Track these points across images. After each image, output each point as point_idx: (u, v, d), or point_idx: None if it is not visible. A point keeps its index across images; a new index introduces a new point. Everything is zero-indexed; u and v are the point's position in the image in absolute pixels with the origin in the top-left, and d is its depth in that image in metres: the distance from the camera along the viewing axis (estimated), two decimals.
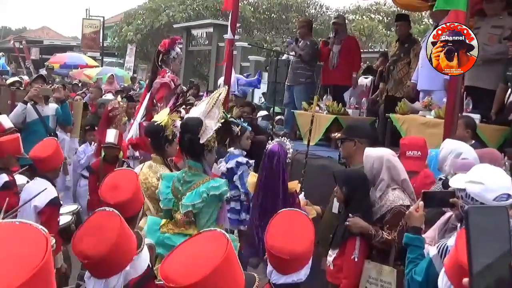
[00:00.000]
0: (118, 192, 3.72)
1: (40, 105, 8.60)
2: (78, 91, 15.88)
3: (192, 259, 2.26)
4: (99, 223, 2.88)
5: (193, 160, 4.62)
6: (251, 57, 23.43)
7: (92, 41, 36.66)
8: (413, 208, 3.71)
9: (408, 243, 3.64)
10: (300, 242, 3.07)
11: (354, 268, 4.60)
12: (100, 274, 2.79)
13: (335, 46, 10.19)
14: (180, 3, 34.25)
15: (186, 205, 4.44)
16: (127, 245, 2.83)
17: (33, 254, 1.51)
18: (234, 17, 10.48)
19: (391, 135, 7.97)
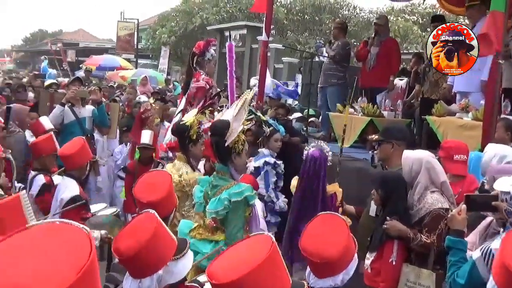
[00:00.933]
0: (152, 192, 3.78)
1: (77, 107, 8.72)
2: (112, 93, 16.04)
3: (236, 259, 2.33)
4: (138, 223, 2.97)
5: (221, 164, 4.59)
6: (285, 59, 23.40)
7: (127, 43, 36.99)
8: (456, 211, 3.68)
9: (450, 246, 3.61)
10: (332, 246, 3.07)
11: (392, 271, 4.58)
12: (134, 273, 2.86)
13: (374, 47, 10.09)
14: (213, 5, 34.36)
15: (210, 212, 4.41)
16: (160, 248, 2.86)
17: (78, 255, 1.51)
18: (269, 19, 10.52)
19: (427, 137, 7.90)
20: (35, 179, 5.92)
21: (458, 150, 5.37)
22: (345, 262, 3.12)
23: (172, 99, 14.01)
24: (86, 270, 1.48)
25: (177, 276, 2.95)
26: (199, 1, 36.47)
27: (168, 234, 2.97)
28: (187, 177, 5.28)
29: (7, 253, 1.53)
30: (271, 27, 11.13)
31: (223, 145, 4.44)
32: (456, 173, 5.25)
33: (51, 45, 35.69)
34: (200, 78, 7.30)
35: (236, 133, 4.43)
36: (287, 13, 33.86)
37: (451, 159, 5.31)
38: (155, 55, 36.83)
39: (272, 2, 10.61)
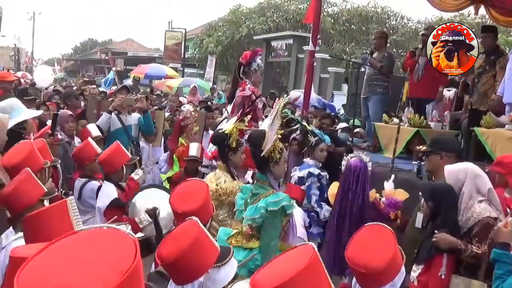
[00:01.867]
0: (187, 201, 3.78)
1: (123, 115, 8.82)
2: (157, 102, 16.21)
3: (278, 268, 2.34)
4: (180, 230, 3.00)
5: (260, 173, 4.59)
6: (331, 69, 23.36)
7: (174, 52, 37.40)
8: (502, 223, 3.65)
9: (495, 259, 3.58)
10: (379, 257, 3.04)
11: (441, 285, 4.50)
12: (176, 279, 2.90)
13: (422, 58, 9.99)
14: (260, 15, 34.57)
15: (247, 219, 4.42)
16: (201, 254, 2.88)
17: (123, 259, 1.55)
18: (316, 29, 10.52)
19: (475, 149, 7.76)
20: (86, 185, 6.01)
21: None
22: (391, 274, 3.09)
23: (219, 108, 14.09)
24: (130, 273, 1.52)
25: (219, 284, 2.96)
26: (247, 11, 36.71)
27: (209, 241, 2.98)
28: (224, 186, 5.26)
29: (56, 254, 1.59)
30: (318, 36, 11.09)
31: (259, 155, 4.43)
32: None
33: (101, 54, 36.35)
34: (245, 88, 7.31)
35: (271, 143, 4.41)
36: (334, 22, 33.83)
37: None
38: (202, 64, 37.17)
39: (320, 12, 10.61)
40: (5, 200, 3.88)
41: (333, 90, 22.48)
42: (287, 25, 33.12)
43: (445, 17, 32.77)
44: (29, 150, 4.83)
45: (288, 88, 24.26)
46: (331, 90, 22.72)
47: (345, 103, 15.10)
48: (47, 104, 10.40)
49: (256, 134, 4.60)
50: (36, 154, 4.92)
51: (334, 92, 22.27)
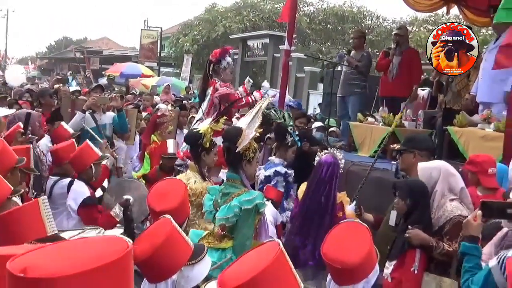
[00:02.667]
0: (165, 200, 3.78)
1: (97, 114, 8.77)
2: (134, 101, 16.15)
3: (245, 265, 2.36)
4: (154, 228, 3.03)
5: (231, 171, 4.54)
6: (307, 68, 23.44)
7: (150, 51, 37.24)
8: (471, 216, 3.61)
9: (465, 252, 3.56)
10: (355, 253, 3.07)
11: (414, 280, 4.53)
12: (149, 277, 2.92)
13: (396, 57, 10.06)
14: (236, 14, 34.60)
15: (219, 219, 4.36)
16: (174, 252, 2.90)
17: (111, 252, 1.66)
18: (291, 28, 10.53)
19: (448, 148, 7.83)
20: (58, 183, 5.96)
21: (490, 164, 5.35)
22: (366, 270, 3.12)
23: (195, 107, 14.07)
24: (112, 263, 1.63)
25: (193, 282, 2.98)
26: (222, 10, 36.69)
27: (183, 239, 2.99)
28: (194, 187, 5.20)
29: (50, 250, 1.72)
30: (294, 36, 11.11)
31: (234, 152, 4.41)
32: (491, 186, 5.24)
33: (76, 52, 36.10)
34: (216, 86, 7.28)
35: (248, 140, 4.40)
36: (310, 22, 34.00)
37: (485, 173, 5.29)
38: (178, 64, 37.09)
39: (295, 12, 10.62)
40: None
41: (309, 90, 22.58)
42: (263, 24, 33.19)
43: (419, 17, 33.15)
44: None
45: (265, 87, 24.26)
46: (307, 89, 22.80)
47: (321, 102, 15.17)
48: (20, 102, 10.31)
49: (232, 130, 4.58)
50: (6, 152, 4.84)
51: (310, 91, 22.39)
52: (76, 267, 1.56)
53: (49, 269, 1.56)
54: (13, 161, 4.80)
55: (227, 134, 4.60)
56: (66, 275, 1.54)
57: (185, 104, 13.05)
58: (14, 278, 1.56)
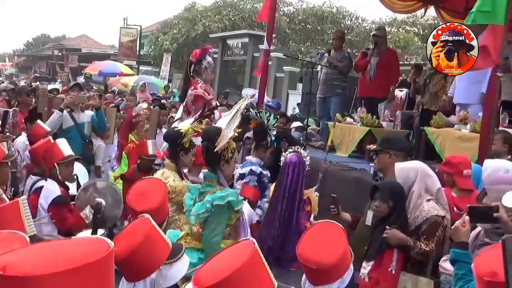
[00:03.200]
0: (145, 200, 3.79)
1: (76, 112, 8.72)
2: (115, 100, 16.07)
3: (219, 264, 2.37)
4: (132, 227, 3.03)
5: (209, 171, 4.54)
6: (286, 68, 23.47)
7: (129, 49, 37.00)
8: (459, 222, 3.61)
9: (456, 259, 3.53)
10: (329, 253, 3.08)
11: (392, 280, 4.56)
12: (128, 276, 2.91)
13: (373, 58, 10.14)
14: (216, 13, 34.52)
15: (192, 215, 4.34)
16: (152, 251, 2.90)
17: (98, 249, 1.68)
18: (271, 28, 10.55)
19: (425, 148, 7.91)
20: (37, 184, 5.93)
21: (466, 165, 5.39)
22: (341, 271, 3.12)
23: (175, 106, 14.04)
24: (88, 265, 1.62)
25: (171, 281, 2.98)
26: (202, 9, 36.60)
27: (161, 238, 3.00)
28: (174, 184, 5.20)
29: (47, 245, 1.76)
30: (273, 36, 11.13)
31: (212, 151, 4.41)
32: (466, 188, 5.28)
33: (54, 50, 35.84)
34: (197, 86, 7.27)
35: (226, 140, 4.39)
36: (290, 22, 34.00)
37: (461, 174, 5.33)
38: (157, 62, 36.90)
39: (275, 12, 10.64)
40: None
41: (288, 89, 22.60)
42: (243, 23, 33.15)
43: (398, 18, 33.33)
44: None
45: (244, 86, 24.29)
46: (286, 89, 22.83)
47: (300, 102, 15.21)
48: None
49: (211, 130, 4.57)
50: None
51: (289, 91, 22.42)
52: (55, 266, 1.57)
53: (29, 268, 1.57)
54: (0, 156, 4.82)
55: (206, 133, 4.60)
56: (44, 274, 1.55)
57: (164, 104, 13.02)
58: None
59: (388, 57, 10.36)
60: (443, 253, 4.58)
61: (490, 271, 2.45)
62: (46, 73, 29.99)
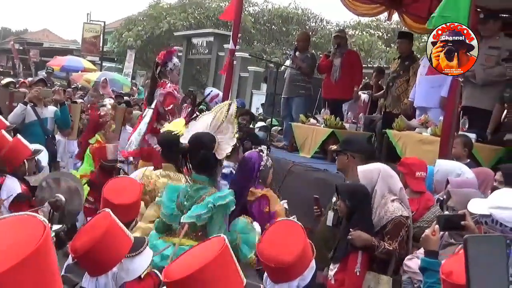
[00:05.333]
0: (123, 195, 3.81)
1: (39, 107, 8.63)
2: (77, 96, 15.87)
3: (190, 259, 2.42)
4: (93, 222, 3.05)
5: (201, 174, 4.43)
6: (251, 68, 23.46)
7: (92, 45, 36.55)
8: (429, 231, 3.65)
9: (426, 268, 3.56)
10: (288, 252, 3.13)
11: (356, 281, 4.60)
12: (90, 271, 2.94)
13: (337, 59, 10.25)
14: (181, 11, 34.34)
15: (190, 216, 4.20)
16: (113, 245, 2.93)
17: (33, 235, 1.55)
18: (236, 27, 10.55)
19: (387, 151, 8.01)
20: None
21: (420, 167, 5.47)
22: (301, 268, 3.18)
23: (138, 103, 13.93)
24: (39, 246, 1.52)
25: (133, 274, 3.02)
26: (167, 6, 36.41)
27: (122, 232, 3.02)
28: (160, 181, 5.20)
29: None
30: (239, 35, 11.16)
31: (212, 158, 4.38)
32: (417, 190, 5.35)
33: (15, 44, 35.18)
34: (166, 86, 7.25)
35: (228, 147, 4.40)
36: (255, 22, 34.04)
37: (413, 175, 5.40)
38: (120, 59, 36.54)
39: (241, 11, 10.65)
40: None
41: (252, 89, 22.61)
42: (208, 22, 33.06)
43: (362, 22, 33.61)
44: None
45: (208, 85, 24.23)
46: (250, 89, 22.83)
47: (264, 103, 15.26)
48: None
49: (207, 137, 4.44)
50: None
51: (253, 91, 22.42)
52: (1, 263, 1.46)
53: None
54: None
55: (202, 141, 4.45)
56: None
57: (130, 101, 12.95)
58: None
59: (351, 58, 10.51)
60: (407, 252, 4.67)
61: (455, 273, 2.54)
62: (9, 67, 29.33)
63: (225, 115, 4.53)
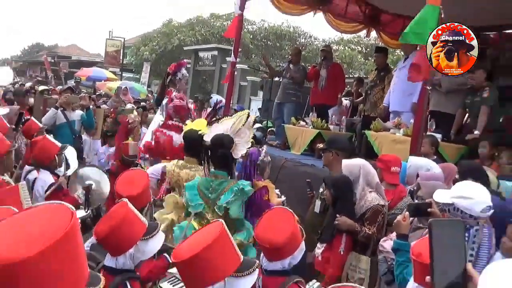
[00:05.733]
0: (131, 187, 3.81)
1: (68, 111, 8.68)
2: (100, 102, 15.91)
3: (194, 241, 2.45)
4: (112, 210, 3.05)
5: (220, 169, 4.42)
6: (249, 78, 23.50)
7: (114, 58, 36.52)
8: (401, 217, 3.67)
9: (397, 248, 3.60)
10: (280, 234, 3.15)
11: (340, 260, 4.65)
12: (110, 252, 2.97)
13: (323, 70, 10.29)
14: (190, 29, 34.37)
15: (221, 206, 4.26)
16: (129, 230, 2.94)
17: (62, 222, 1.51)
18: (237, 43, 10.58)
19: (366, 149, 8.01)
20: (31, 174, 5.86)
21: (395, 163, 5.47)
22: (291, 249, 3.20)
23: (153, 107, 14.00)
24: (68, 232, 1.49)
25: (148, 254, 3.04)
26: (178, 25, 36.39)
27: (137, 219, 3.03)
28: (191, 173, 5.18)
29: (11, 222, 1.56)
30: (239, 50, 11.17)
31: (231, 157, 4.39)
32: (392, 182, 5.36)
33: (47, 57, 35.13)
34: (171, 95, 7.22)
35: (244, 148, 4.41)
36: (253, 38, 34.06)
37: (388, 170, 5.41)
38: (138, 70, 36.53)
39: (241, 29, 10.68)
40: None
41: (251, 96, 22.65)
42: (212, 38, 33.06)
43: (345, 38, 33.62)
44: None
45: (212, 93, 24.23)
46: (249, 96, 22.87)
47: (260, 107, 15.27)
48: None
49: (227, 139, 4.42)
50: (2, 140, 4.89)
51: (251, 97, 22.47)
52: (33, 246, 1.41)
53: (9, 253, 1.40)
54: (6, 146, 4.82)
55: (223, 142, 4.44)
56: (26, 258, 1.39)
57: (146, 106, 13.05)
58: None
59: (335, 70, 10.55)
60: (382, 235, 4.68)
61: (424, 254, 2.55)
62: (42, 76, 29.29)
63: (244, 122, 4.53)
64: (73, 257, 1.53)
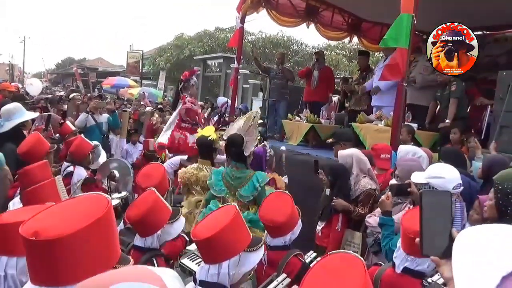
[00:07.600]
0: (149, 179, 3.81)
1: (96, 115, 8.71)
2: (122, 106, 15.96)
3: (212, 221, 2.44)
4: (142, 198, 3.03)
5: (239, 162, 4.49)
6: (250, 81, 23.42)
7: (134, 68, 36.41)
8: (384, 196, 3.68)
9: (383, 223, 3.61)
10: (280, 214, 3.17)
11: (337, 236, 4.68)
12: (140, 233, 2.95)
13: (316, 72, 10.32)
14: (198, 41, 34.27)
15: (246, 196, 4.34)
16: (157, 215, 2.93)
17: (98, 208, 1.53)
18: (239, 51, 10.62)
19: None
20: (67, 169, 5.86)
21: (384, 151, 5.46)
22: (291, 226, 3.21)
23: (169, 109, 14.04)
24: (103, 215, 1.51)
25: (172, 235, 3.05)
26: (188, 37, 36.32)
27: (164, 205, 3.03)
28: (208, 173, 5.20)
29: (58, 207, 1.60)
30: (241, 57, 11.19)
31: (241, 153, 4.46)
32: (382, 167, 5.35)
33: (77, 69, 35.10)
34: (185, 100, 7.20)
35: (252, 146, 4.48)
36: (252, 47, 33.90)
37: (379, 157, 5.40)
38: (155, 78, 36.43)
39: (242, 40, 10.71)
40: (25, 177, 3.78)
41: (252, 97, 22.59)
42: (218, 48, 32.96)
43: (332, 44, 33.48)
44: (37, 138, 4.97)
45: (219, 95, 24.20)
46: (250, 96, 22.81)
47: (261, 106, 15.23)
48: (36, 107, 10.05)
49: (239, 138, 4.50)
50: (43, 141, 5.01)
51: (253, 98, 22.40)
52: (75, 225, 1.44)
53: (55, 230, 1.43)
54: (47, 148, 4.85)
55: (235, 141, 4.52)
56: (70, 233, 1.42)
57: (162, 108, 13.09)
58: (28, 241, 1.42)
59: (326, 72, 10.60)
60: None
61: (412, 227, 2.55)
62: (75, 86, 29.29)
63: (252, 121, 4.55)
64: (107, 238, 1.54)
